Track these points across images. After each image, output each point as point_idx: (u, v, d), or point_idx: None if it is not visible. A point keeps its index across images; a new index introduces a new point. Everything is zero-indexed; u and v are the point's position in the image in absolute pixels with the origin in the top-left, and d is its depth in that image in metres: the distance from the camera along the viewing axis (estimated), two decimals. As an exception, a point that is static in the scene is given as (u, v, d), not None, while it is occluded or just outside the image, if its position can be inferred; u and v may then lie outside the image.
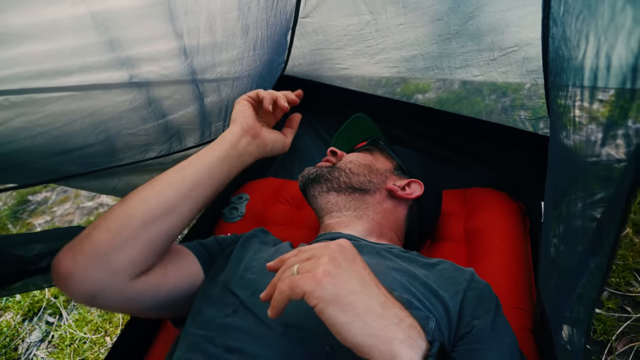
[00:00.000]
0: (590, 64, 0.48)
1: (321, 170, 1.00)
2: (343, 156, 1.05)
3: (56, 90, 0.75)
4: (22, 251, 0.87)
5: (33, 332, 1.64)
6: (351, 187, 0.97)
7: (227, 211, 1.36)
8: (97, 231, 0.64)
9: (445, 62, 1.21)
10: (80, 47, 0.74)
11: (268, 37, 1.15)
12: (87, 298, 0.63)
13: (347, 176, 0.98)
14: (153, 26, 0.83)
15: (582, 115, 0.59)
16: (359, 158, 1.04)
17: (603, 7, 0.45)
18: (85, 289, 0.62)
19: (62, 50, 0.72)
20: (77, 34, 0.72)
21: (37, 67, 0.70)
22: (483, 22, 1.07)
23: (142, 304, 0.70)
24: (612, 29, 0.43)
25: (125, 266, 0.64)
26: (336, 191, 0.98)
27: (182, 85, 0.98)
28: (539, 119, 1.21)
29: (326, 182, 0.98)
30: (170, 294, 0.74)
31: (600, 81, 0.47)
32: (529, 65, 1.06)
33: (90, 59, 0.77)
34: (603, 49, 0.45)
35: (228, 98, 1.16)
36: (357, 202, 0.97)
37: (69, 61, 0.74)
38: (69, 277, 0.61)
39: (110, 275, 0.63)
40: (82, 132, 0.84)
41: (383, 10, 1.20)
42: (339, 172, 0.99)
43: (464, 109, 1.35)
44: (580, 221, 0.63)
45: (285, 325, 0.65)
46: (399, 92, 1.46)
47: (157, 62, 0.88)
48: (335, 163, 1.02)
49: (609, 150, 0.54)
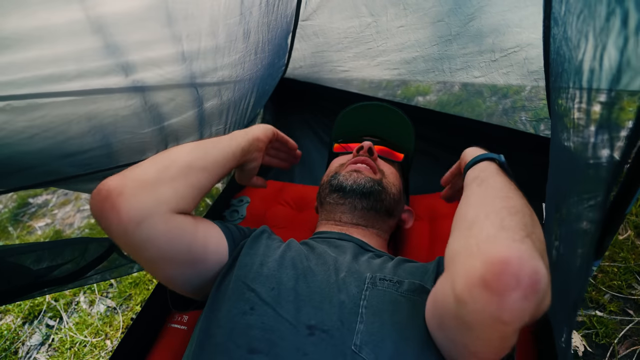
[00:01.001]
0: (589, 64, 0.48)
1: (374, 187, 0.96)
2: (377, 160, 1.05)
3: (56, 95, 0.75)
4: (29, 262, 0.87)
5: (33, 336, 1.64)
6: (387, 210, 0.99)
7: (228, 214, 1.35)
8: (146, 165, 0.71)
9: (446, 63, 1.21)
10: (79, 52, 0.74)
11: (269, 40, 1.15)
12: (135, 221, 0.64)
13: (389, 202, 0.99)
14: (153, 30, 0.83)
15: (581, 117, 0.59)
16: (397, 181, 1.05)
17: (601, 7, 0.45)
18: (134, 211, 0.64)
19: (61, 55, 0.72)
20: (76, 38, 0.72)
21: (37, 73, 0.70)
22: (484, 23, 1.07)
23: (179, 245, 0.71)
24: (605, 30, 0.43)
25: (170, 197, 0.70)
26: (375, 211, 0.97)
27: (182, 89, 0.98)
28: (540, 120, 1.21)
29: (374, 201, 0.96)
30: (202, 248, 0.76)
31: (595, 82, 0.47)
32: (530, 66, 1.06)
33: (89, 64, 0.76)
34: (599, 49, 0.45)
35: (229, 101, 1.16)
36: (381, 223, 1.00)
37: (68, 66, 0.74)
38: (119, 196, 0.64)
39: (157, 202, 0.67)
40: (80, 136, 0.84)
41: (384, 12, 1.20)
42: (385, 194, 0.98)
43: (464, 111, 1.35)
44: (580, 223, 0.63)
45: (310, 327, 0.64)
46: (400, 95, 1.46)
47: (157, 66, 0.88)
48: (377, 174, 1.00)
49: (609, 151, 0.54)
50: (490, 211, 0.56)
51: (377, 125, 1.17)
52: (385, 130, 1.17)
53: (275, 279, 0.72)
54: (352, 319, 0.65)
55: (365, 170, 0.99)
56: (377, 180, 0.98)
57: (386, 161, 1.09)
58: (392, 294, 0.71)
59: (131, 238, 0.65)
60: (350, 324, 0.64)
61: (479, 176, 0.70)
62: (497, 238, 0.50)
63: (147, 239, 0.66)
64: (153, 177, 0.69)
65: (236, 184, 1.47)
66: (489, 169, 0.72)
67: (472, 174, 0.74)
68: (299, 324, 0.64)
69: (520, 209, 0.57)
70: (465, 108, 1.36)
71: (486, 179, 0.68)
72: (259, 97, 1.30)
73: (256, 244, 0.83)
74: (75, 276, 0.98)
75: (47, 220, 2.29)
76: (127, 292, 1.73)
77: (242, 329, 0.65)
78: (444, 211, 1.25)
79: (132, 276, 1.78)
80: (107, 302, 1.72)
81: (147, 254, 0.69)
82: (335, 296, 0.69)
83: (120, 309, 1.68)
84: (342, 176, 0.99)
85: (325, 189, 1.02)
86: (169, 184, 0.70)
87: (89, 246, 1.02)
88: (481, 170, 0.73)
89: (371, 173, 0.99)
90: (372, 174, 0.99)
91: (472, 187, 0.69)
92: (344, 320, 0.65)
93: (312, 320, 0.65)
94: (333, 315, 0.66)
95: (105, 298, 1.74)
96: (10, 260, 0.87)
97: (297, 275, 0.73)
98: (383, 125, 1.16)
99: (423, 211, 1.28)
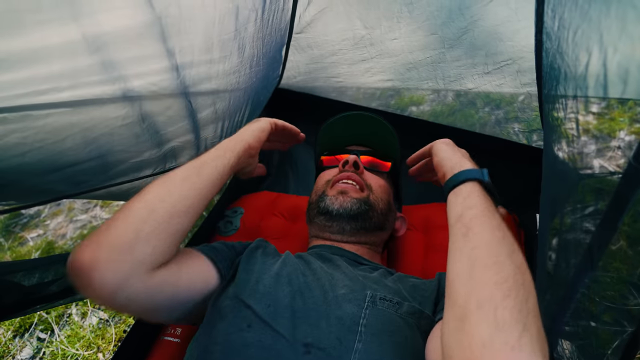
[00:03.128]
0: (596, 75, 0.49)
1: (361, 208, 0.95)
2: (364, 173, 1.03)
3: (49, 107, 0.75)
4: (21, 279, 0.86)
5: (24, 349, 1.62)
6: (377, 226, 0.99)
7: (222, 225, 1.35)
8: (119, 224, 0.64)
9: (440, 75, 1.22)
10: (72, 68, 0.74)
11: (264, 54, 1.16)
12: (111, 291, 0.61)
13: (378, 217, 0.98)
14: (147, 46, 0.84)
15: (579, 128, 0.59)
16: (385, 194, 1.04)
17: (609, 20, 0.46)
18: (110, 281, 0.61)
19: (56, 74, 0.72)
20: (70, 55, 0.72)
21: (31, 89, 0.70)
22: (477, 36, 1.08)
23: (161, 297, 0.69)
24: (624, 39, 0.44)
25: (148, 257, 0.65)
26: (365, 230, 0.97)
27: (175, 101, 0.98)
28: (532, 131, 1.22)
29: (362, 221, 0.96)
30: (186, 290, 0.73)
31: (611, 91, 0.47)
32: (522, 78, 1.08)
33: (83, 80, 0.77)
34: (613, 59, 0.45)
35: (224, 112, 1.16)
36: (373, 238, 1.00)
37: (62, 81, 0.74)
38: (92, 269, 0.60)
39: (133, 266, 0.63)
40: (73, 148, 0.83)
41: (377, 25, 1.21)
42: (373, 212, 0.97)
43: (457, 121, 1.36)
44: (574, 234, 0.63)
45: (306, 345, 0.64)
46: (393, 105, 1.47)
47: (151, 79, 0.89)
48: (364, 192, 0.99)
49: (602, 162, 0.55)
50: (482, 297, 0.52)
51: (362, 135, 1.16)
52: (370, 139, 1.15)
53: (272, 295, 0.72)
54: (351, 338, 0.65)
55: (352, 191, 0.98)
56: (363, 199, 0.97)
57: (373, 172, 1.08)
58: (391, 314, 0.71)
59: (111, 304, 0.63)
60: (348, 342, 0.64)
61: (462, 216, 0.64)
62: (493, 344, 0.47)
63: (127, 302, 0.64)
64: (128, 239, 0.63)
65: (231, 195, 1.47)
66: (473, 197, 0.67)
67: (454, 206, 0.68)
68: (295, 342, 0.64)
69: (512, 281, 0.53)
70: (459, 118, 1.37)
71: (472, 227, 0.61)
72: (253, 108, 1.31)
73: (252, 260, 0.83)
74: (68, 292, 0.97)
75: (39, 231, 2.27)
76: (119, 304, 1.71)
77: (240, 346, 0.65)
78: (439, 222, 1.26)
79: (125, 288, 1.76)
80: (99, 315, 1.70)
81: (130, 311, 0.68)
82: (332, 313, 0.69)
83: (113, 321, 1.66)
84: (328, 199, 0.98)
85: (314, 210, 1.02)
86: (147, 242, 0.65)
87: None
88: (465, 197, 0.68)
89: (357, 192, 0.98)
90: (358, 194, 0.98)
91: (457, 236, 0.62)
92: (342, 339, 0.65)
93: (309, 337, 0.65)
94: (330, 333, 0.66)
95: (98, 310, 1.72)
96: (2, 278, 0.86)
97: (294, 292, 0.73)
98: (367, 134, 1.15)
99: (418, 221, 1.28)
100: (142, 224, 0.64)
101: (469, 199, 0.67)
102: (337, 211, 0.95)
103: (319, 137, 1.20)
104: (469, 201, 0.66)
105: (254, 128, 0.89)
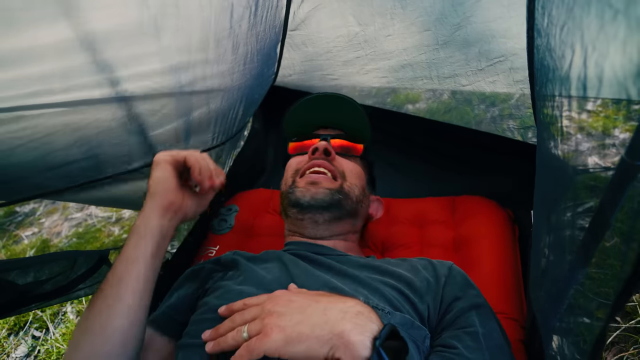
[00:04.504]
0: (577, 74, 0.49)
1: (333, 197, 0.91)
2: (335, 159, 0.98)
3: (41, 107, 0.74)
4: (15, 278, 0.85)
5: (19, 347, 1.61)
6: (350, 214, 0.96)
7: (216, 223, 1.35)
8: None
9: (434, 71, 1.22)
10: (67, 67, 0.74)
11: (258, 51, 1.15)
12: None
13: (352, 205, 0.95)
14: (142, 44, 0.83)
15: (569, 125, 0.59)
16: (359, 180, 1.00)
17: (589, 19, 0.45)
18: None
19: (48, 73, 0.72)
20: (64, 54, 0.72)
21: (23, 90, 0.70)
22: (470, 32, 1.08)
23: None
24: (602, 39, 0.44)
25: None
26: (339, 219, 0.94)
27: (169, 99, 0.97)
28: (527, 128, 1.22)
29: (335, 210, 0.92)
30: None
31: (590, 91, 0.47)
32: (515, 75, 1.08)
33: (77, 80, 0.76)
34: (592, 58, 0.45)
35: (217, 111, 1.15)
36: (348, 227, 0.97)
37: (56, 81, 0.73)
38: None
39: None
40: (66, 147, 0.83)
41: (371, 21, 1.21)
42: (346, 200, 0.93)
43: (453, 118, 1.36)
44: (569, 230, 0.63)
45: None
46: (390, 102, 1.47)
47: (144, 77, 0.88)
48: (337, 181, 0.94)
49: (597, 159, 0.55)
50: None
51: (331, 116, 1.09)
52: (340, 120, 1.09)
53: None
54: None
55: (324, 181, 0.93)
56: (336, 189, 0.92)
57: (345, 157, 1.02)
58: None
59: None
60: None
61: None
62: None
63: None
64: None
65: (224, 194, 1.46)
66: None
67: None
68: None
69: None
70: (455, 116, 1.37)
71: None
72: (247, 106, 1.30)
73: (223, 283, 0.83)
74: (65, 289, 0.97)
75: (34, 229, 2.26)
76: (115, 302, 1.71)
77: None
78: (434, 216, 1.26)
79: (121, 286, 1.76)
80: (94, 313, 1.69)
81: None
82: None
83: (108, 320, 1.66)
84: (299, 191, 0.93)
85: (284, 201, 0.98)
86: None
87: (78, 259, 1.01)
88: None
89: (330, 182, 0.93)
90: (331, 183, 0.93)
91: None
92: None
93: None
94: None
95: (93, 308, 1.71)
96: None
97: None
98: (337, 115, 1.08)
99: (412, 216, 1.28)
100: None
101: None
102: (308, 203, 0.90)
103: (285, 123, 1.12)
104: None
105: (155, 180, 0.75)
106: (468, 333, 0.69)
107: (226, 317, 0.68)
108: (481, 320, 0.72)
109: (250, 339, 0.58)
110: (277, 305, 0.62)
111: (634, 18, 0.40)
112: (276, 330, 0.57)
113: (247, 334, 0.59)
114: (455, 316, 0.73)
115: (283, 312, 0.60)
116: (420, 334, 0.70)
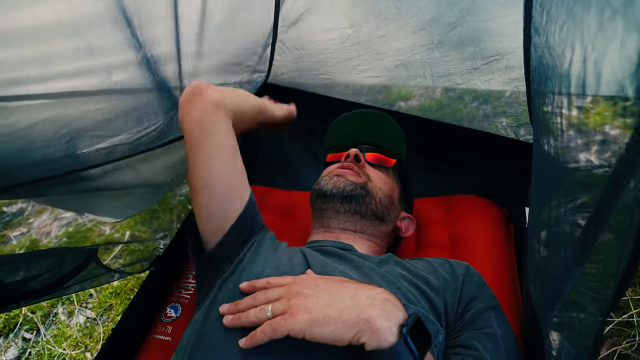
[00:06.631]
0: (577, 72, 0.49)
1: (355, 190, 0.95)
2: (365, 167, 1.03)
3: (21, 99, 0.72)
4: (2, 275, 0.84)
5: (9, 350, 1.59)
6: (374, 215, 0.98)
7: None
8: None
9: (428, 71, 1.22)
10: (52, 54, 0.72)
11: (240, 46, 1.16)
12: (214, 103, 0.84)
13: (375, 205, 0.97)
14: (120, 34, 0.83)
15: (566, 122, 0.60)
16: (386, 186, 1.03)
17: (589, 17, 0.46)
18: (215, 95, 0.85)
19: (32, 58, 0.70)
20: (50, 40, 0.71)
21: (7, 75, 0.68)
22: (465, 31, 1.08)
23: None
24: (600, 38, 0.44)
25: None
26: (361, 215, 0.96)
27: (152, 94, 0.97)
28: (520, 125, 1.23)
29: (357, 204, 0.95)
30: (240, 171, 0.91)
31: (589, 89, 0.48)
32: (511, 73, 1.08)
33: (62, 67, 0.75)
34: (591, 57, 0.46)
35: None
36: (372, 228, 0.99)
37: (39, 69, 0.72)
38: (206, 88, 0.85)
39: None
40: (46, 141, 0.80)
41: (364, 23, 1.21)
42: (370, 198, 0.96)
43: (446, 116, 1.36)
44: (563, 227, 0.64)
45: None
46: (382, 100, 1.46)
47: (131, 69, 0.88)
48: (362, 178, 0.99)
49: (588, 156, 0.55)
50: None
51: (369, 132, 1.15)
52: (377, 137, 1.15)
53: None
54: None
55: (348, 174, 0.98)
56: (359, 183, 0.97)
57: (376, 167, 1.07)
58: None
59: (207, 115, 0.83)
60: None
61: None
62: None
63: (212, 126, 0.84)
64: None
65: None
66: None
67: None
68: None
69: None
70: (447, 113, 1.37)
71: None
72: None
73: (260, 250, 0.84)
74: (53, 287, 0.96)
75: (22, 230, 2.23)
76: (107, 302, 1.69)
77: (238, 330, 0.65)
78: (430, 216, 1.27)
79: (113, 285, 1.74)
80: (86, 313, 1.68)
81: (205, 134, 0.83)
82: None
83: (101, 320, 1.64)
84: (323, 181, 0.99)
85: (313, 196, 1.03)
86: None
87: (66, 256, 0.99)
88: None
89: (355, 176, 0.98)
90: (355, 178, 0.98)
91: None
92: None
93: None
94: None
95: (85, 309, 1.70)
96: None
97: None
98: (374, 131, 1.15)
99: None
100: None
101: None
102: (330, 191, 0.96)
103: (327, 135, 1.21)
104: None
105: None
106: (487, 334, 0.72)
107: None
108: (499, 321, 0.75)
109: (275, 318, 0.60)
110: (304, 287, 0.63)
111: (631, 18, 0.41)
112: (303, 311, 0.58)
113: (271, 313, 0.61)
114: (474, 316, 0.75)
115: (310, 294, 0.61)
116: (433, 328, 0.71)
